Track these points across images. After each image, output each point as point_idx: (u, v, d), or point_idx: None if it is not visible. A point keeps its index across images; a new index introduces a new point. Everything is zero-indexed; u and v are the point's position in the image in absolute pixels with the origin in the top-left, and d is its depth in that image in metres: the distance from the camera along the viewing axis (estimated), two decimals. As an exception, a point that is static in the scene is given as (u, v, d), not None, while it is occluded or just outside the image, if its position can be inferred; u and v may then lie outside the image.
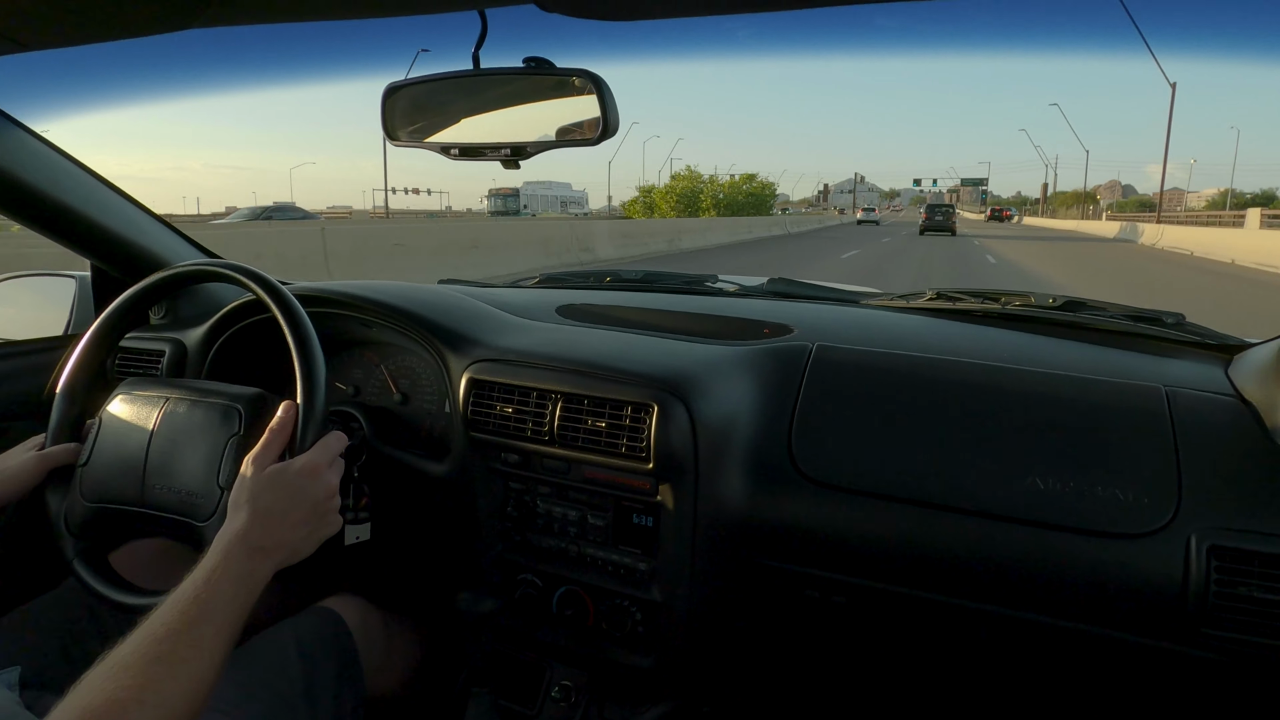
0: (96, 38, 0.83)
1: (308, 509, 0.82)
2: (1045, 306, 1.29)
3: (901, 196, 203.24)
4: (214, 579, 0.72)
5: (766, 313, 1.34)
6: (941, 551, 0.92)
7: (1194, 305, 8.46)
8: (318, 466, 0.85)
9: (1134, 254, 21.53)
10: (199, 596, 0.71)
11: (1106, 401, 0.97)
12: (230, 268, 1.00)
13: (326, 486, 0.85)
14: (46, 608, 1.03)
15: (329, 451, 0.87)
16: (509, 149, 0.96)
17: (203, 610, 0.70)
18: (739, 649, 1.13)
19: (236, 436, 0.91)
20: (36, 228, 1.30)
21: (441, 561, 1.26)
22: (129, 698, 0.62)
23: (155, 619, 0.68)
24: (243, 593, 0.74)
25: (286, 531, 0.80)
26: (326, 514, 0.85)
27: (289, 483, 0.82)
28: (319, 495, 0.84)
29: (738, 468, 1.01)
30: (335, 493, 0.86)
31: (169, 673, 0.65)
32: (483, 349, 1.14)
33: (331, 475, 0.86)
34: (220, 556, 0.75)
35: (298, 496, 0.82)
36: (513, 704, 1.19)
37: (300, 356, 0.91)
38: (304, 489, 0.82)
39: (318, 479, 0.84)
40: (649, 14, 0.79)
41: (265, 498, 0.80)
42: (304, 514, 0.82)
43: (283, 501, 0.81)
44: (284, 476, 0.82)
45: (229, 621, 0.72)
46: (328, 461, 0.87)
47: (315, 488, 0.83)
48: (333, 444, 0.89)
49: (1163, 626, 0.84)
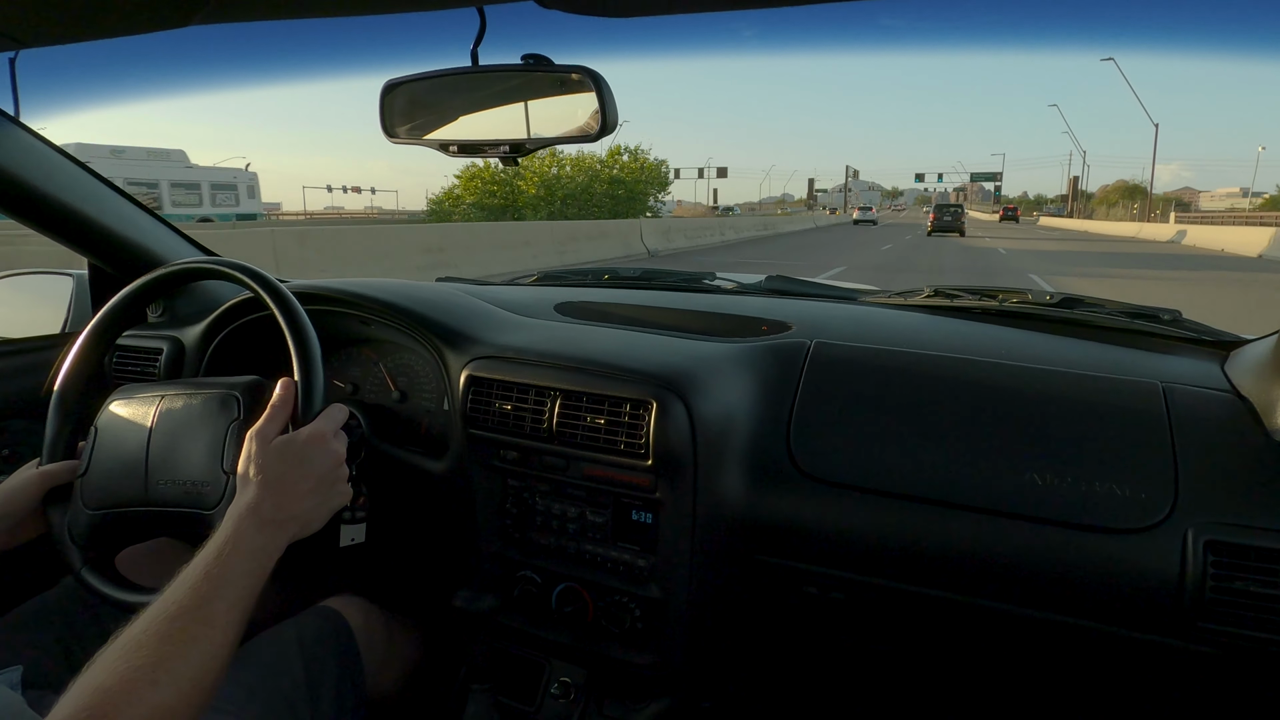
0: (94, 35, 0.83)
1: (317, 478, 0.81)
2: (1042, 303, 1.29)
3: (905, 196, 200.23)
4: (225, 553, 0.71)
5: (765, 310, 1.34)
6: (939, 547, 0.93)
7: None
8: (323, 435, 0.84)
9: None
10: (210, 572, 0.70)
11: (1104, 398, 0.97)
12: (228, 265, 1.00)
13: (334, 455, 0.84)
14: (47, 607, 1.03)
15: (333, 421, 0.87)
16: (508, 146, 0.96)
17: (215, 586, 0.69)
18: (738, 645, 1.14)
19: (237, 421, 0.90)
20: (33, 225, 1.30)
21: (441, 559, 1.26)
22: (141, 676, 0.61)
23: (167, 596, 0.68)
24: (256, 567, 0.73)
25: (297, 502, 0.79)
26: (335, 483, 0.84)
27: (296, 452, 0.81)
28: (327, 464, 0.83)
29: (736, 464, 1.01)
30: (343, 461, 0.86)
31: (181, 650, 0.64)
32: (481, 346, 1.14)
33: (338, 444, 0.86)
34: (232, 531, 0.74)
35: (306, 466, 0.81)
36: (512, 701, 1.19)
37: (296, 344, 0.91)
38: (312, 458, 0.82)
39: (324, 447, 0.84)
40: (647, 10, 0.79)
41: (274, 469, 0.79)
42: (314, 484, 0.81)
43: (292, 472, 0.80)
44: (291, 447, 0.81)
45: (242, 597, 0.71)
46: (333, 431, 0.86)
47: (323, 456, 0.83)
48: (336, 414, 0.88)
49: (1160, 621, 0.85)
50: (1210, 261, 18.17)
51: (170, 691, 0.62)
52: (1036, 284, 12.54)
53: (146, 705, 0.60)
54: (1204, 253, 22.12)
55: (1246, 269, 16.09)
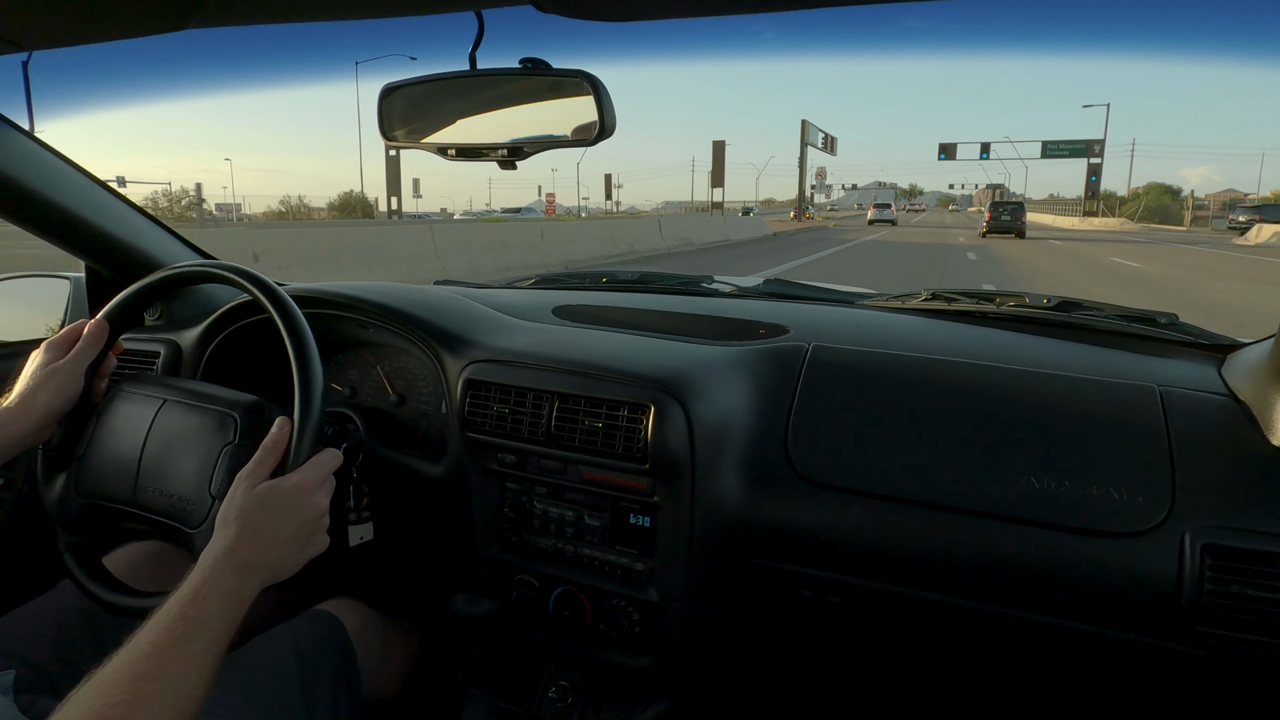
0: (92, 38, 0.83)
1: (296, 528, 0.82)
2: (1040, 307, 1.29)
3: (925, 196, 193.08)
4: (200, 596, 0.72)
5: (762, 313, 1.35)
6: (937, 551, 0.93)
7: None
8: (309, 485, 0.84)
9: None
10: (185, 614, 0.70)
11: (1101, 401, 0.97)
12: (226, 268, 1.00)
13: (316, 506, 0.84)
14: (41, 610, 1.03)
15: (322, 470, 0.87)
16: (506, 149, 0.96)
17: (189, 627, 0.69)
18: (735, 649, 1.14)
19: (231, 445, 0.90)
20: (30, 228, 1.29)
21: (438, 562, 1.26)
22: (115, 715, 0.61)
23: (141, 636, 0.68)
24: (229, 610, 0.74)
25: (274, 550, 0.79)
26: (315, 533, 0.84)
27: (279, 501, 0.81)
28: (308, 515, 0.83)
29: (734, 468, 1.01)
30: (325, 513, 0.86)
31: (155, 689, 0.64)
32: (479, 350, 1.14)
33: (322, 495, 0.86)
34: (208, 573, 0.74)
35: (287, 515, 0.81)
36: (510, 705, 1.19)
37: (298, 363, 0.90)
38: (294, 508, 0.82)
39: (308, 498, 0.83)
40: (644, 15, 0.79)
41: (255, 515, 0.79)
42: (292, 533, 0.81)
43: (272, 520, 0.80)
44: (274, 495, 0.81)
45: (215, 639, 0.71)
46: (319, 480, 0.86)
47: (305, 507, 0.83)
48: (326, 462, 0.88)
49: (1156, 625, 0.85)
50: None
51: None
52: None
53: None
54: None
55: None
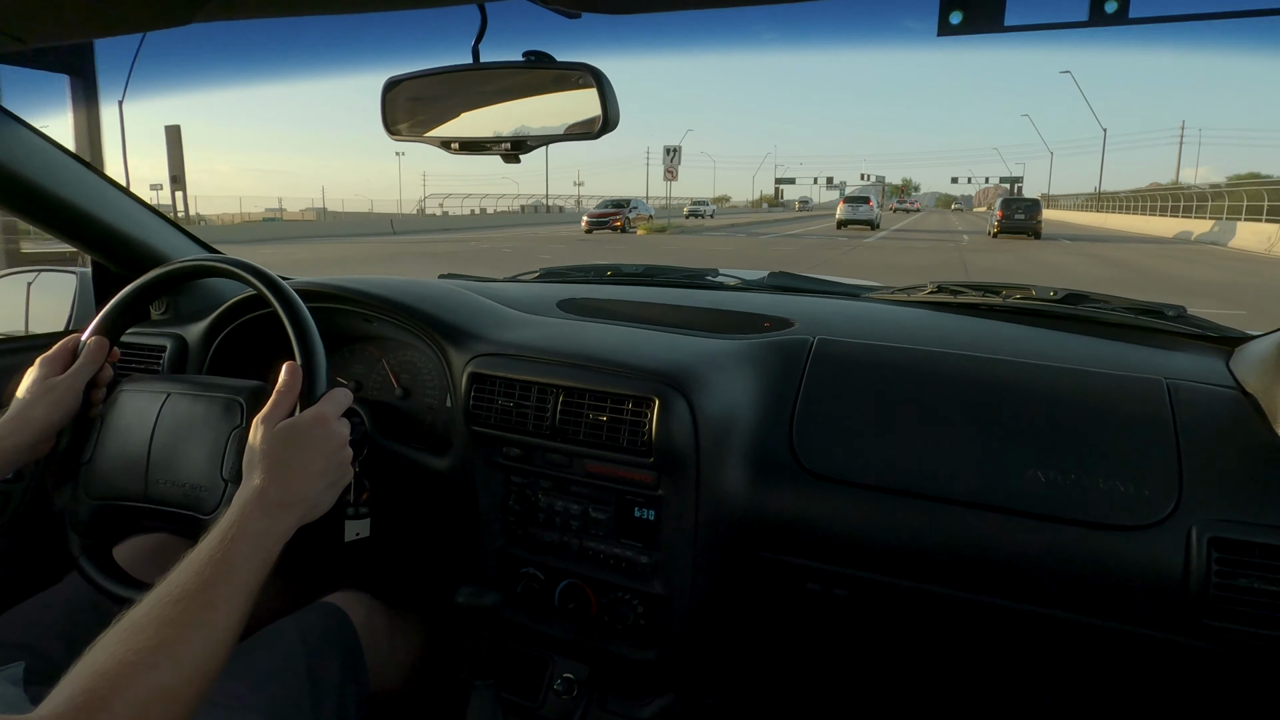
0: (97, 33, 0.83)
1: (324, 461, 0.81)
2: (1046, 299, 1.28)
3: (922, 195, 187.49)
4: (230, 538, 0.71)
5: (767, 306, 1.34)
6: (942, 544, 0.93)
7: None
8: (327, 417, 0.84)
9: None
10: (214, 557, 0.69)
11: (1108, 394, 0.97)
12: (231, 263, 1.00)
13: (339, 436, 0.84)
14: (50, 603, 1.03)
15: (337, 404, 0.87)
16: (509, 143, 0.96)
17: (219, 570, 0.68)
18: (741, 642, 1.14)
19: (239, 429, 0.91)
20: (37, 223, 1.30)
21: (444, 556, 1.26)
22: (141, 659, 0.60)
23: (171, 580, 0.67)
24: (261, 550, 0.72)
25: (307, 484, 0.79)
26: (341, 464, 0.84)
27: (302, 435, 0.81)
28: (332, 445, 0.83)
29: (739, 461, 1.01)
30: (346, 442, 0.86)
31: (183, 634, 0.63)
32: (484, 343, 1.14)
33: (341, 426, 0.86)
34: (237, 516, 0.73)
35: (312, 448, 0.81)
36: (515, 697, 1.20)
37: (298, 339, 0.91)
38: (317, 440, 0.82)
39: (329, 429, 0.84)
40: (647, 8, 0.79)
41: (279, 453, 0.79)
42: (320, 465, 0.81)
43: (299, 455, 0.80)
44: (296, 430, 0.81)
45: (246, 581, 0.70)
46: (336, 413, 0.86)
47: (329, 439, 0.83)
48: (340, 397, 0.88)
49: (1164, 618, 0.85)
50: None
51: (170, 675, 0.61)
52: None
53: (146, 688, 0.59)
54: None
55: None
